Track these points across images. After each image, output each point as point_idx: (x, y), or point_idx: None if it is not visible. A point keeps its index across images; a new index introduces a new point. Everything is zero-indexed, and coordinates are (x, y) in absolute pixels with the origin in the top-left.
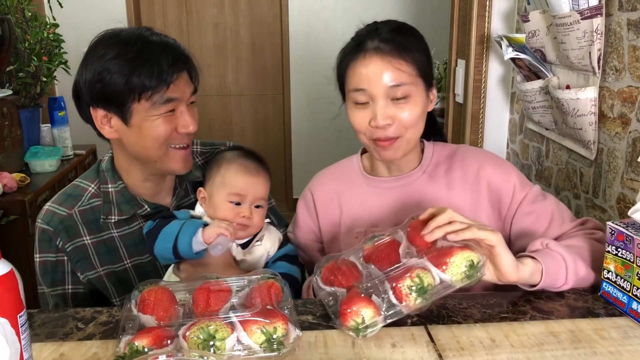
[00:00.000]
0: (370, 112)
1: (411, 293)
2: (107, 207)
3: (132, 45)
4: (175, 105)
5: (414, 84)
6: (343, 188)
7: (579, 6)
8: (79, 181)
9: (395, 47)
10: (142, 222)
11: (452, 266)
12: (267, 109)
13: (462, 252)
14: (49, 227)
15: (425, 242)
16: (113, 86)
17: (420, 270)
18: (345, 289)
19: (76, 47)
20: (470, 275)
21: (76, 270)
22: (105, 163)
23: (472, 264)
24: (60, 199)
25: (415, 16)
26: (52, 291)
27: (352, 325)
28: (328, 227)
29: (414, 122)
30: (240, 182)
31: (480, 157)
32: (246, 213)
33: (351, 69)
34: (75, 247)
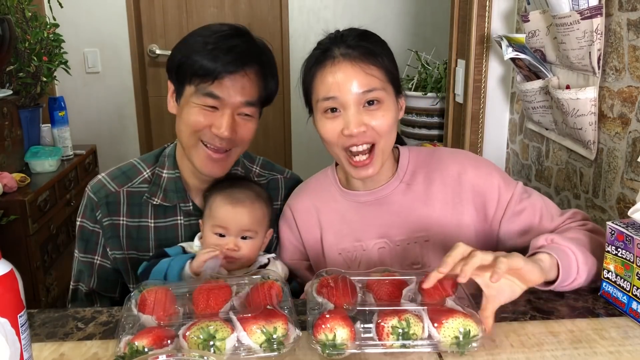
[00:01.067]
0: (341, 121)
1: (392, 334)
2: (154, 189)
3: (216, 33)
4: (220, 104)
5: (384, 90)
6: (321, 203)
7: (579, 6)
8: (137, 161)
9: (363, 52)
10: (180, 219)
11: (446, 327)
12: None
13: (463, 319)
14: (95, 197)
15: (434, 298)
16: (179, 60)
17: (413, 316)
18: (333, 306)
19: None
20: (461, 344)
21: (107, 245)
22: (169, 149)
23: (467, 333)
24: (115, 173)
25: (415, 16)
26: (82, 257)
27: (322, 339)
28: (311, 243)
29: (387, 130)
30: (221, 214)
31: (459, 160)
32: (229, 245)
33: (319, 77)
34: (111, 224)
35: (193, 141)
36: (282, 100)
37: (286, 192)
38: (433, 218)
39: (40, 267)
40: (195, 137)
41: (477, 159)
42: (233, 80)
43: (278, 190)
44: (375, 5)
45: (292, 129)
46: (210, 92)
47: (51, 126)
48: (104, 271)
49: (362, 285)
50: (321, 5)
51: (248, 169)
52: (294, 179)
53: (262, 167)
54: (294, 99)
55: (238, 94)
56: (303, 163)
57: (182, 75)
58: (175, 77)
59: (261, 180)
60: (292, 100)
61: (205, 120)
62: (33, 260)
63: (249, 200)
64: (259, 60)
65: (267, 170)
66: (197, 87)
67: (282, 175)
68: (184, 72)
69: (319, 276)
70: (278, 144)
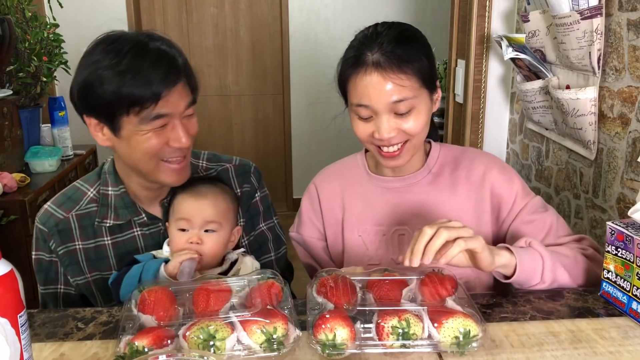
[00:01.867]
0: (373, 125)
1: (392, 334)
2: (103, 211)
3: (125, 54)
4: (167, 120)
5: (417, 96)
6: (347, 185)
7: (579, 6)
8: (79, 183)
9: (396, 61)
10: (137, 231)
11: (446, 327)
12: (267, 109)
13: (463, 319)
14: (45, 228)
15: (434, 297)
16: (102, 97)
17: (413, 316)
18: (333, 306)
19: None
20: (461, 344)
21: (67, 274)
22: (107, 165)
23: (468, 334)
24: (60, 200)
25: (415, 16)
26: (44, 289)
27: (322, 339)
28: (331, 223)
29: (418, 131)
30: (184, 207)
31: (487, 161)
32: (193, 238)
33: (352, 82)
34: (67, 251)
35: (153, 164)
36: (282, 100)
37: (239, 179)
38: (455, 211)
39: None
40: (156, 159)
41: (505, 164)
42: (173, 93)
43: (230, 180)
44: (374, 5)
45: (292, 129)
46: (157, 114)
47: (51, 126)
48: (68, 299)
49: (362, 286)
50: (321, 5)
51: (194, 165)
52: (244, 164)
53: (208, 161)
54: (293, 99)
55: (180, 102)
56: (303, 163)
57: (113, 111)
58: (106, 114)
59: (210, 173)
60: (292, 100)
61: (160, 141)
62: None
63: (212, 192)
64: (182, 60)
65: (214, 162)
66: (140, 116)
67: (231, 163)
68: (117, 108)
69: (319, 276)
70: (278, 144)
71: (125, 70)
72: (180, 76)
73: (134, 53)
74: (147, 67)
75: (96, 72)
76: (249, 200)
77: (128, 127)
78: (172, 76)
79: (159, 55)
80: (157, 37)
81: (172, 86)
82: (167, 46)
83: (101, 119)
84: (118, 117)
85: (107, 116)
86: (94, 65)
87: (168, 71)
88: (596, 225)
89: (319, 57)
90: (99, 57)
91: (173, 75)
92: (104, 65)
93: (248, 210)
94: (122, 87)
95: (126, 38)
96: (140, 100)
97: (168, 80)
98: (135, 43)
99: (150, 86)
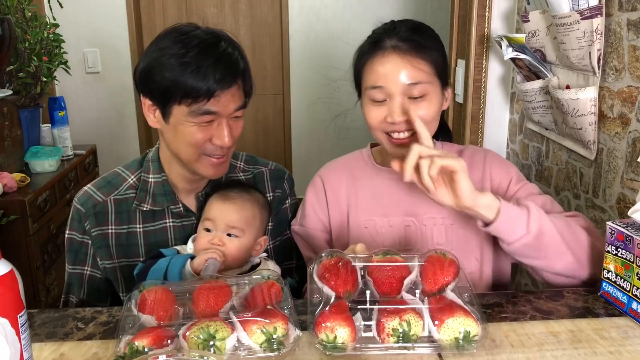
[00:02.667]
0: (386, 109)
1: (393, 335)
2: (142, 195)
3: (192, 48)
4: (215, 117)
5: (430, 83)
6: (353, 178)
7: (579, 6)
8: (120, 169)
9: (414, 46)
10: (169, 222)
11: (447, 327)
12: (267, 109)
13: (464, 318)
14: (82, 208)
15: (434, 287)
16: (160, 82)
17: (414, 315)
18: (334, 294)
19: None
20: (461, 346)
21: (96, 256)
22: (152, 153)
23: (468, 334)
24: (100, 183)
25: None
26: (72, 269)
27: (322, 339)
28: (336, 214)
29: (429, 120)
30: (212, 208)
31: (486, 157)
32: (214, 240)
33: (369, 66)
34: (100, 234)
35: (195, 156)
36: (282, 100)
37: (273, 183)
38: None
39: (40, 267)
40: (198, 152)
41: (502, 158)
42: (226, 94)
43: (264, 183)
44: (375, 5)
45: (292, 129)
46: (206, 110)
47: (51, 126)
48: (94, 282)
49: (363, 270)
50: (321, 5)
51: (232, 165)
52: (279, 169)
53: (246, 162)
54: (293, 99)
55: (231, 104)
56: (303, 163)
57: (168, 97)
58: (160, 99)
59: (247, 175)
60: (292, 100)
61: (204, 136)
62: (33, 260)
63: (240, 198)
64: (243, 65)
65: (251, 164)
66: (190, 107)
67: (267, 167)
68: (171, 95)
69: (321, 258)
70: (278, 144)
71: (189, 62)
72: (237, 80)
73: (201, 49)
74: (208, 65)
75: (161, 58)
76: (279, 205)
77: (177, 116)
78: (229, 78)
79: (222, 56)
80: (226, 37)
81: (226, 87)
82: (232, 48)
83: (155, 102)
84: (171, 103)
85: (161, 101)
86: (161, 52)
87: (226, 73)
88: (596, 225)
89: (319, 57)
90: (167, 43)
91: (230, 77)
92: (170, 53)
93: (277, 215)
94: (180, 77)
95: (197, 33)
96: (195, 93)
97: (224, 81)
98: (204, 40)
99: (206, 83)
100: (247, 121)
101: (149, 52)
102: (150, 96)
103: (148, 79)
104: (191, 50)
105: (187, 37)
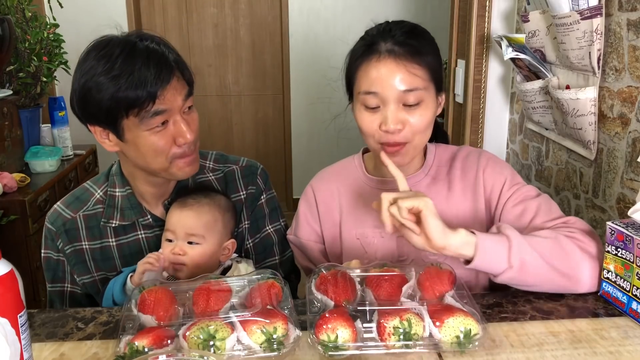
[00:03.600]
0: (380, 116)
1: (394, 334)
2: (109, 211)
3: (116, 58)
4: (167, 116)
5: (426, 89)
6: (344, 187)
7: (579, 6)
8: (89, 184)
9: (410, 50)
10: (141, 233)
11: (447, 326)
12: (267, 109)
13: (464, 318)
14: (52, 227)
15: (434, 293)
16: (100, 104)
17: (414, 315)
18: (333, 303)
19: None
20: (461, 344)
21: (73, 272)
22: (115, 167)
23: (468, 332)
24: (68, 200)
25: (415, 16)
26: (52, 287)
27: (324, 339)
28: (329, 225)
29: (424, 128)
30: (170, 217)
31: (479, 157)
32: (175, 249)
33: (363, 70)
34: (74, 251)
35: (167, 163)
36: (282, 100)
37: (245, 180)
38: (453, 212)
39: (40, 267)
40: (167, 158)
41: (497, 159)
42: (168, 89)
43: (236, 182)
44: (375, 5)
45: (292, 128)
46: (155, 111)
47: (51, 126)
48: (75, 298)
49: (361, 281)
50: (321, 5)
51: (202, 165)
52: (250, 165)
53: (215, 162)
54: (293, 99)
55: (177, 97)
56: (303, 163)
57: (114, 115)
58: (107, 120)
59: (216, 174)
60: (292, 99)
61: (166, 140)
62: (33, 260)
63: (197, 204)
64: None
65: (221, 163)
66: (139, 116)
67: (237, 165)
68: (116, 112)
69: (318, 272)
70: (278, 144)
71: (119, 74)
72: (173, 72)
73: (125, 55)
74: (139, 68)
75: (92, 80)
76: (254, 202)
77: (131, 130)
78: (164, 73)
79: (148, 54)
80: (146, 36)
81: (166, 84)
82: (156, 44)
83: (104, 126)
84: (119, 120)
85: (109, 122)
86: (89, 73)
87: (160, 69)
88: (596, 225)
89: (319, 57)
90: (92, 63)
91: (165, 72)
92: (98, 72)
93: (253, 213)
94: (118, 91)
95: (115, 42)
96: (137, 101)
97: (161, 78)
98: (124, 45)
99: (145, 86)
100: (247, 121)
101: (76, 80)
102: (96, 121)
103: (86, 105)
104: (116, 61)
105: (108, 49)
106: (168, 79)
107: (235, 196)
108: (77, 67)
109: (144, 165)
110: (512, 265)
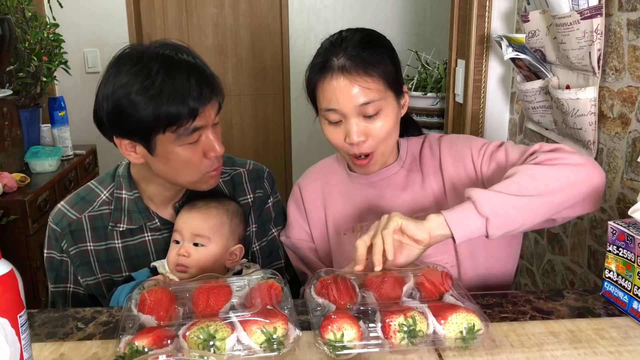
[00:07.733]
0: (344, 129)
1: (399, 332)
2: (117, 214)
3: (156, 75)
4: (202, 131)
5: (383, 99)
6: (328, 185)
7: (579, 6)
8: (93, 184)
9: (362, 64)
10: (148, 235)
11: (451, 323)
12: (267, 109)
13: (467, 314)
14: (57, 228)
15: (433, 293)
16: (138, 122)
17: (418, 313)
18: (334, 306)
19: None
20: (465, 339)
21: (77, 273)
22: (122, 169)
23: (472, 328)
24: (73, 200)
25: (415, 16)
26: (54, 287)
27: (330, 338)
28: (316, 223)
29: (387, 135)
30: (179, 220)
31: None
32: (181, 251)
33: (320, 88)
34: (78, 252)
35: (198, 176)
36: (282, 100)
37: (253, 184)
38: (429, 196)
39: (40, 267)
40: (199, 171)
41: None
42: (208, 107)
43: (243, 185)
44: (375, 5)
45: (292, 128)
46: (194, 127)
47: (51, 126)
48: (77, 298)
49: (361, 284)
50: (321, 5)
51: None
52: (258, 169)
53: (223, 164)
54: (293, 99)
55: (212, 112)
56: (303, 163)
57: (150, 132)
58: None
59: (224, 177)
60: (292, 99)
61: (199, 154)
62: (33, 260)
63: (205, 206)
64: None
65: (228, 165)
66: (177, 132)
67: (245, 168)
68: (153, 129)
69: (317, 277)
70: (278, 144)
71: (160, 92)
72: (215, 90)
73: (165, 72)
74: (181, 85)
75: (128, 97)
76: (261, 205)
77: (163, 145)
78: (206, 91)
79: (189, 69)
80: (182, 48)
81: (207, 102)
82: (193, 57)
83: (135, 140)
84: (154, 135)
85: (143, 137)
86: (124, 89)
87: (202, 85)
88: (596, 225)
89: None
90: (127, 78)
91: (207, 89)
92: (136, 90)
93: (260, 216)
94: (158, 110)
95: (150, 55)
96: (179, 119)
97: (204, 96)
98: (162, 60)
99: (187, 104)
100: (247, 121)
101: (108, 94)
102: (127, 136)
103: (121, 121)
104: (156, 78)
105: (143, 65)
106: (209, 97)
107: (242, 199)
108: (106, 79)
109: (170, 178)
110: (485, 215)
